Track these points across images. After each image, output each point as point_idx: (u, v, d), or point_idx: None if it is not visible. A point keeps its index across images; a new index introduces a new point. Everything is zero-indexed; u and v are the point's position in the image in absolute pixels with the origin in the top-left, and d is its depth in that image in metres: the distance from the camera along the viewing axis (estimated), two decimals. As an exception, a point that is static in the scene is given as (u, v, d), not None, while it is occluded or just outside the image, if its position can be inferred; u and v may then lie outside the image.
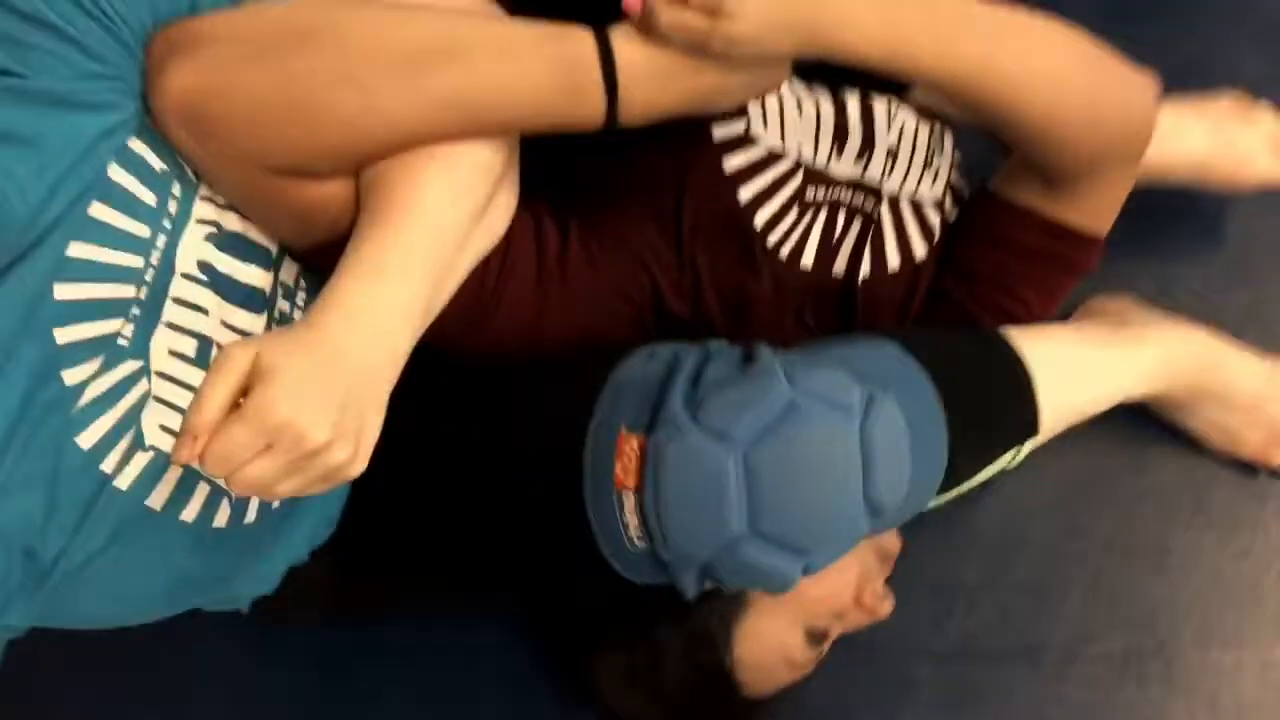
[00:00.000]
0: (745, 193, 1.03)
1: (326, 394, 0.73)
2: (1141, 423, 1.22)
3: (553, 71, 0.84)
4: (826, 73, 1.02)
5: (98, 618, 0.89)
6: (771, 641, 1.04)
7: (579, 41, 0.85)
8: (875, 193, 1.07)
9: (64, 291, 0.77)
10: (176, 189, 0.84)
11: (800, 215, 1.05)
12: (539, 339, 0.99)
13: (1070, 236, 1.04)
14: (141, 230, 0.81)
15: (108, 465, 0.81)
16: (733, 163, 1.03)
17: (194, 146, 0.83)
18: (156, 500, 0.84)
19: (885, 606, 1.07)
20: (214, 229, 0.87)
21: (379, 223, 0.81)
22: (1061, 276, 1.08)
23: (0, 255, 0.73)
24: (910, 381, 0.92)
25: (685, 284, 1.04)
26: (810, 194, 1.05)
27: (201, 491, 0.86)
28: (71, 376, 0.78)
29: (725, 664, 1.03)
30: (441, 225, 0.84)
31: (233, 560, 0.93)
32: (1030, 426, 1.03)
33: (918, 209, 1.09)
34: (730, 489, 0.82)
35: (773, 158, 1.04)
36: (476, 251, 0.92)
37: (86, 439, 0.80)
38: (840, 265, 1.07)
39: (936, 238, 1.10)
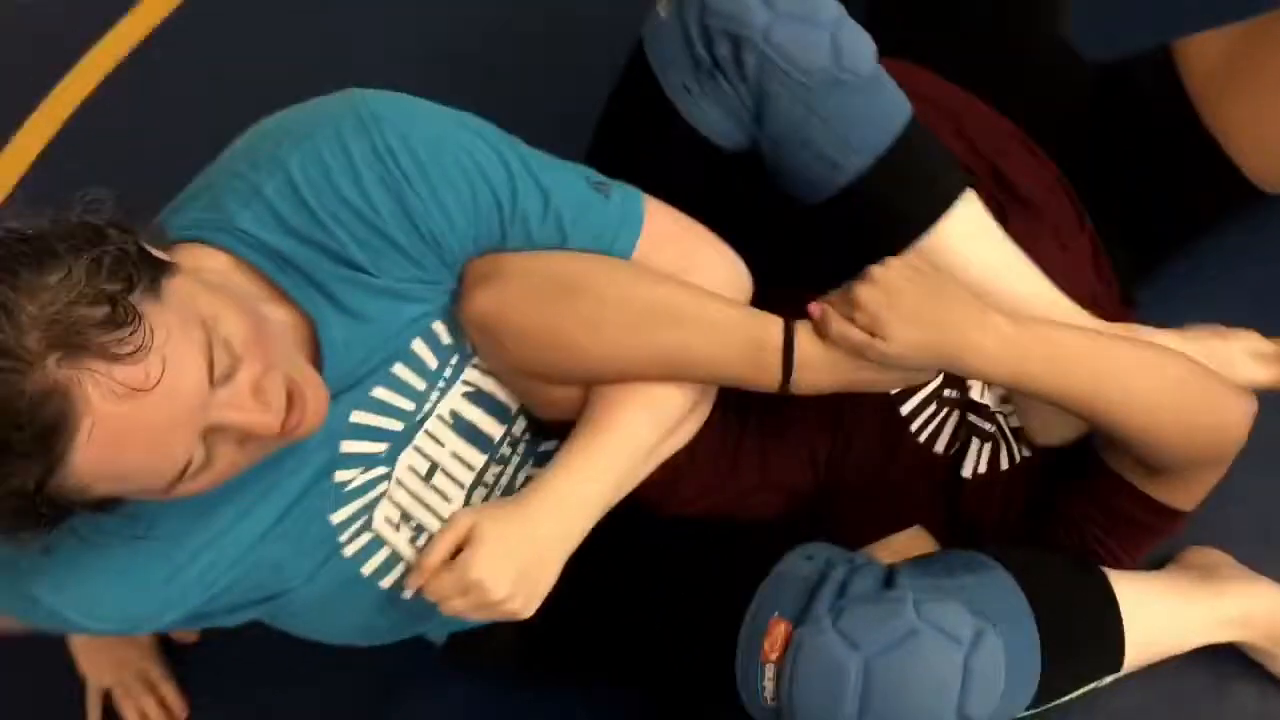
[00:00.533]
0: (924, 437, 1.27)
1: (513, 562, 1.02)
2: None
3: (746, 347, 1.07)
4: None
5: (300, 632, 1.19)
6: None
7: (771, 327, 1.07)
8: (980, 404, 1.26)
9: (358, 418, 1.07)
10: (455, 359, 1.11)
11: (939, 408, 1.27)
12: (709, 509, 1.23)
13: (1163, 511, 1.19)
14: (422, 385, 1.10)
15: (343, 538, 1.10)
16: (915, 425, 1.27)
17: (482, 346, 1.10)
18: (367, 569, 1.12)
19: None
20: (473, 389, 1.13)
21: (590, 434, 1.08)
22: (1147, 538, 1.24)
23: (332, 386, 1.01)
24: (1017, 619, 1.09)
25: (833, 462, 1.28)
26: (947, 393, 1.27)
27: (397, 570, 1.14)
28: (340, 476, 1.08)
29: None
30: (636, 447, 1.09)
31: (407, 621, 1.20)
32: (1115, 664, 1.18)
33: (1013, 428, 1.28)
34: (849, 686, 1.04)
35: None
36: (659, 459, 1.14)
37: (336, 517, 1.09)
38: (962, 458, 1.27)
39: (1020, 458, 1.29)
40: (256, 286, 0.99)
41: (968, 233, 1.17)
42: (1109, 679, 1.18)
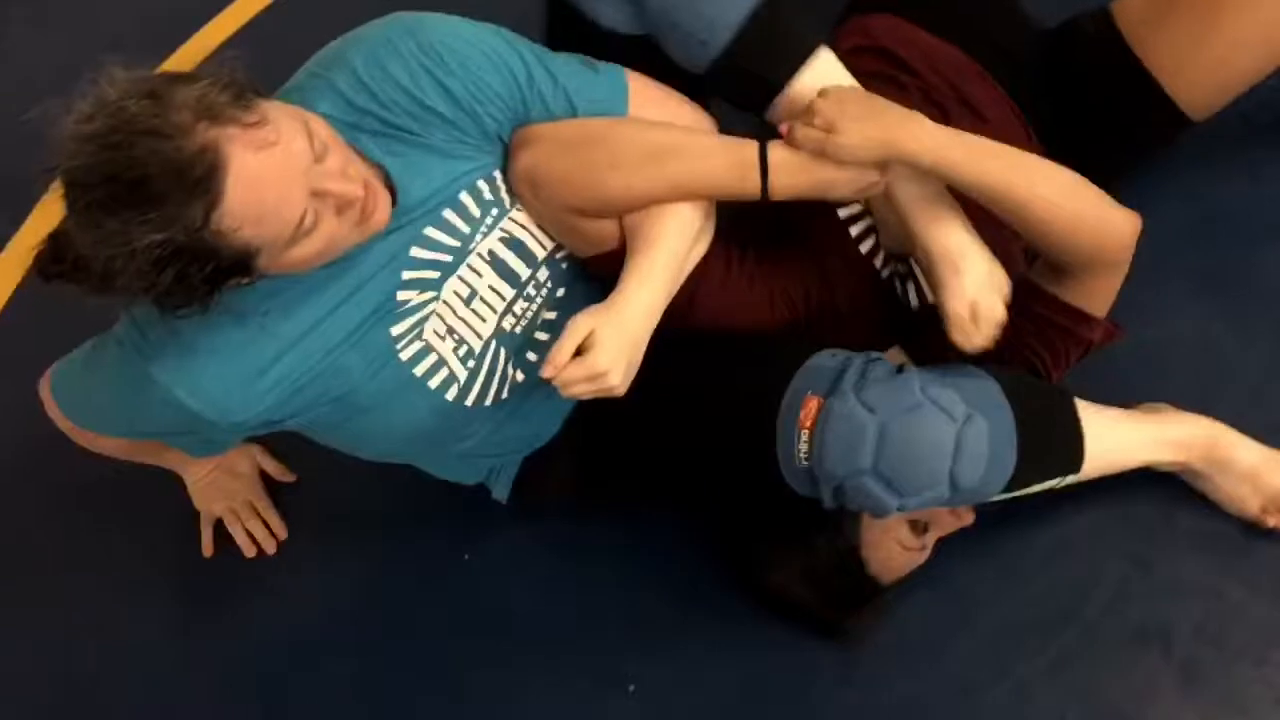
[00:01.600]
0: (864, 247, 1.54)
1: (621, 354, 1.31)
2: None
3: (732, 165, 1.37)
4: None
5: (354, 440, 1.47)
6: (885, 528, 1.45)
7: (748, 147, 1.36)
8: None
9: (415, 251, 1.36)
10: (495, 211, 1.41)
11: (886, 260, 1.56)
12: (722, 320, 1.48)
13: (1073, 312, 1.43)
14: (466, 229, 1.39)
15: (400, 345, 1.38)
16: (854, 230, 1.54)
17: (529, 198, 1.40)
18: (419, 370, 1.39)
19: (969, 516, 1.49)
20: (508, 236, 1.42)
21: (642, 250, 1.37)
22: (1068, 343, 1.46)
23: (396, 219, 1.31)
24: (1000, 414, 1.33)
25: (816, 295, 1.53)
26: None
27: (442, 372, 1.41)
28: (401, 295, 1.36)
29: (855, 544, 1.45)
30: (676, 250, 1.38)
31: (449, 426, 1.45)
32: (1075, 467, 1.44)
33: None
34: (867, 441, 1.28)
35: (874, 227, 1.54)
36: (691, 264, 1.43)
37: (396, 329, 1.37)
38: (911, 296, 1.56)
39: None
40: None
41: (823, 85, 1.38)
42: (1070, 479, 1.43)
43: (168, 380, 1.28)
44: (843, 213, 1.53)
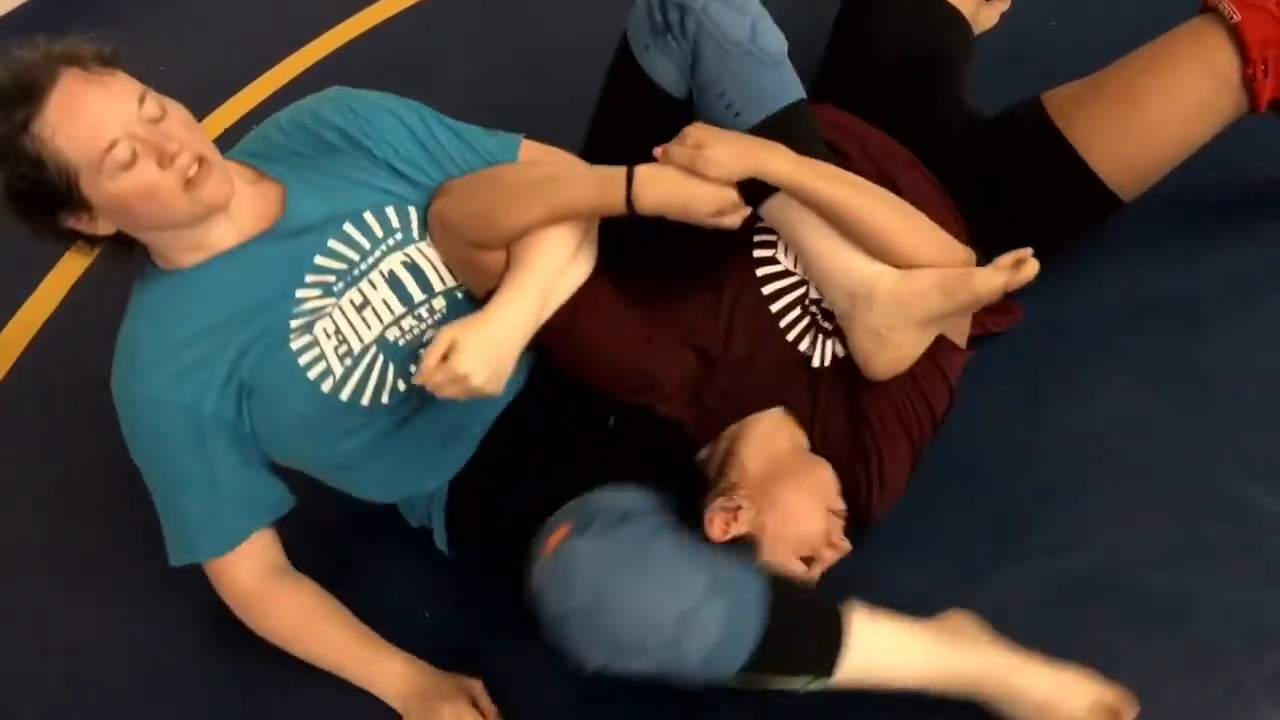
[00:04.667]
0: (775, 305, 1.62)
1: (482, 359, 1.43)
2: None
3: (601, 184, 1.51)
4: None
5: (262, 434, 1.59)
6: (777, 555, 1.46)
7: (619, 170, 1.51)
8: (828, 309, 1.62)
9: (319, 260, 1.58)
10: (399, 236, 1.61)
11: (804, 313, 1.64)
12: (604, 347, 1.58)
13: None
14: (367, 244, 1.60)
15: (292, 337, 1.55)
16: (767, 289, 1.63)
17: (439, 236, 1.61)
18: (303, 360, 1.56)
19: (846, 545, 1.50)
20: (409, 261, 1.61)
21: (514, 269, 1.53)
22: (932, 378, 1.58)
23: (299, 228, 1.57)
24: (749, 602, 1.32)
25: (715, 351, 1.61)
26: (810, 299, 1.64)
27: (320, 365, 1.56)
28: (300, 294, 1.56)
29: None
30: (546, 269, 1.53)
31: (326, 419, 1.57)
32: (826, 671, 1.37)
33: None
34: (580, 583, 1.25)
35: (788, 273, 1.63)
36: (571, 284, 1.56)
37: (293, 323, 1.56)
38: (813, 351, 1.63)
39: None
40: (241, 168, 1.59)
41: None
42: (818, 681, 1.37)
43: (115, 388, 1.58)
44: (760, 271, 1.63)
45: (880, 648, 1.39)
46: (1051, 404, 1.74)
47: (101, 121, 1.40)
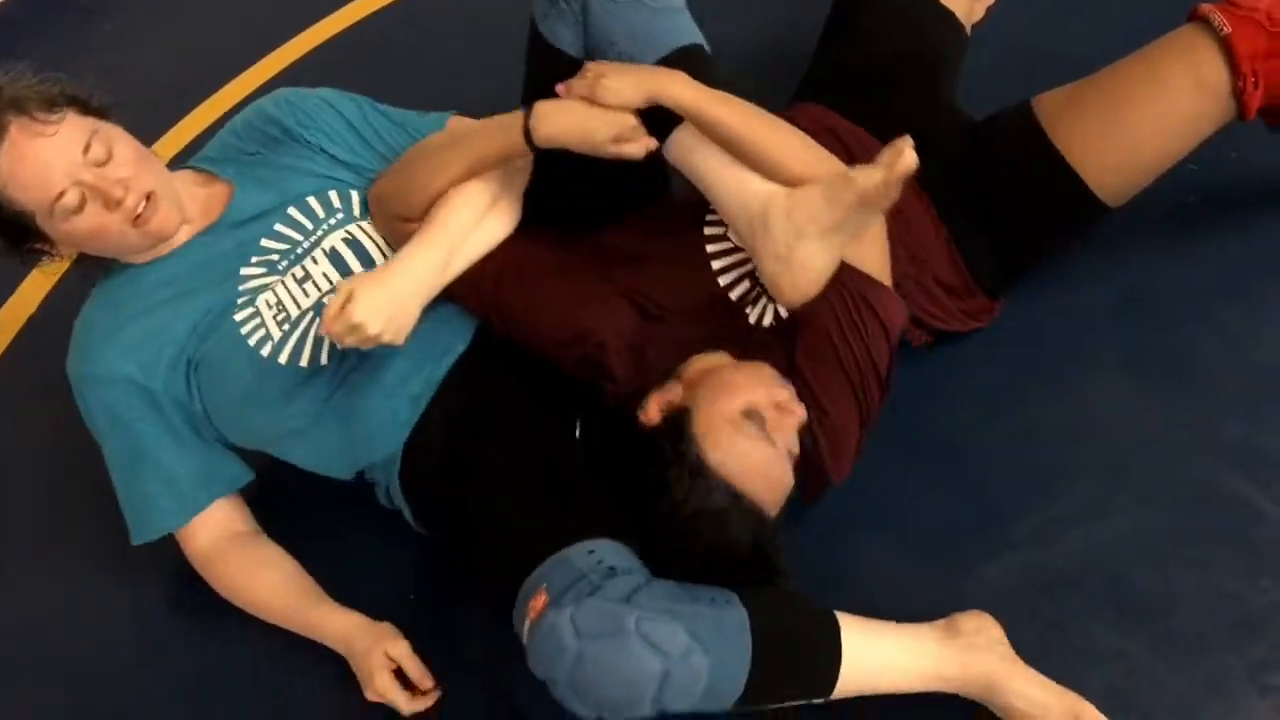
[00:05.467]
0: (717, 264, 1.64)
1: (377, 308, 1.48)
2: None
3: (503, 127, 1.56)
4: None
5: (212, 409, 1.67)
6: (723, 432, 1.41)
7: (519, 113, 1.55)
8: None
9: (265, 242, 1.69)
10: (340, 216, 1.72)
11: (749, 282, 1.63)
12: (535, 305, 1.61)
13: (853, 272, 1.54)
14: (310, 225, 1.71)
15: (236, 309, 1.65)
16: (711, 248, 1.65)
17: (376, 215, 1.71)
18: (244, 329, 1.64)
19: (799, 410, 1.46)
20: (350, 238, 1.70)
21: (424, 226, 1.59)
22: (863, 314, 1.53)
23: (246, 217, 1.69)
24: (731, 646, 1.34)
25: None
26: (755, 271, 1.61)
27: (260, 331, 1.64)
28: (245, 271, 1.68)
29: (701, 455, 1.40)
30: (458, 222, 1.59)
31: (268, 384, 1.63)
32: (824, 693, 1.40)
33: None
34: (565, 660, 1.29)
35: (736, 250, 1.63)
36: (481, 245, 1.62)
37: (239, 300, 1.65)
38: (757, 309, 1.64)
39: None
40: (197, 175, 1.74)
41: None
42: (816, 700, 1.40)
43: (70, 369, 1.67)
44: (710, 248, 1.64)
45: (873, 661, 1.41)
46: (1035, 396, 1.74)
47: (48, 171, 1.52)
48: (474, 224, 1.60)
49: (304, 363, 1.63)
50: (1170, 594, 1.51)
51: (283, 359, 1.63)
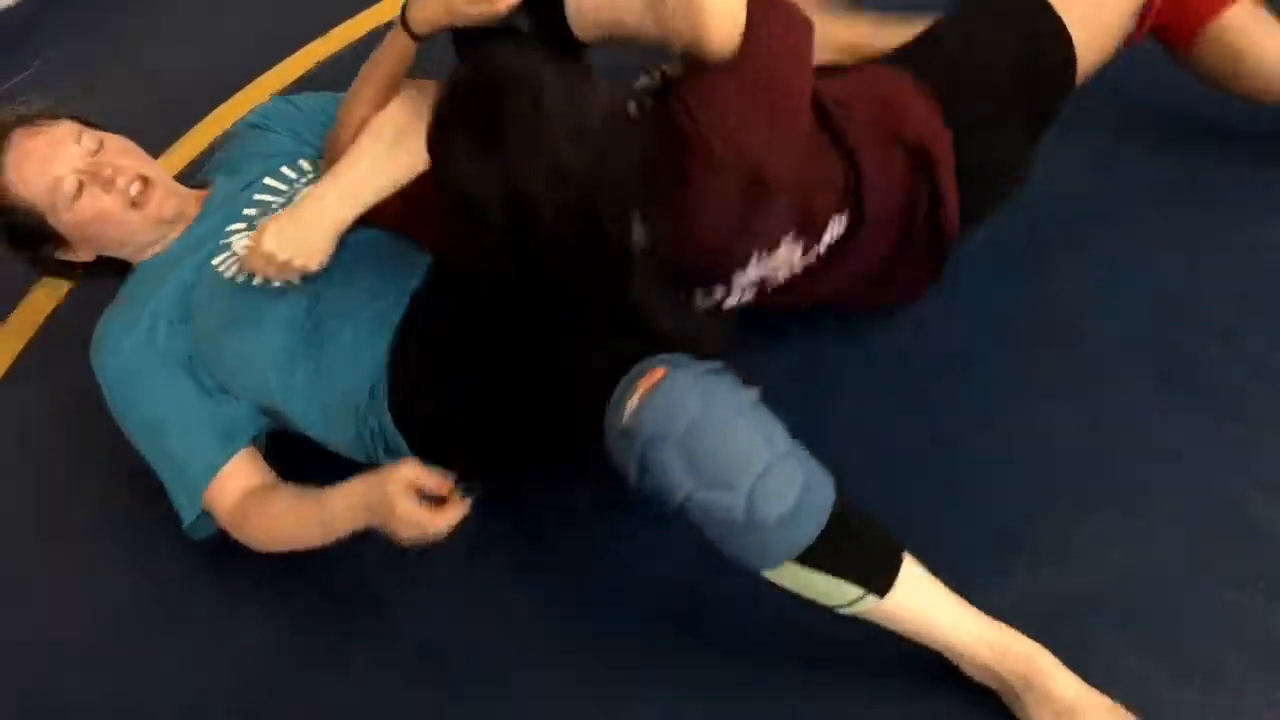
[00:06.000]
0: None
1: (289, 237, 1.61)
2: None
3: (392, 36, 1.62)
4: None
5: (210, 348, 1.73)
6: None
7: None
8: None
9: (247, 211, 1.82)
10: (311, 176, 1.86)
11: None
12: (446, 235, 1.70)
13: None
14: (284, 188, 1.84)
15: (217, 258, 1.77)
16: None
17: (324, 161, 1.79)
18: (221, 268, 1.76)
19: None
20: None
21: (340, 160, 1.68)
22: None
23: (225, 200, 1.86)
24: (821, 488, 1.34)
25: None
26: None
27: (231, 261, 1.76)
28: (229, 229, 1.80)
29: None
30: (369, 150, 1.65)
31: (240, 310, 1.71)
32: (878, 578, 1.37)
33: None
34: (682, 421, 1.29)
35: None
36: (400, 169, 1.65)
37: (221, 254, 1.77)
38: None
39: None
40: (191, 189, 1.90)
41: None
42: (868, 599, 1.36)
43: (95, 366, 1.77)
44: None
45: (927, 594, 1.39)
46: (1055, 415, 1.71)
47: (46, 162, 1.72)
48: (387, 151, 1.65)
49: (276, 282, 1.70)
50: (1192, 619, 1.48)
51: (257, 280, 1.70)
